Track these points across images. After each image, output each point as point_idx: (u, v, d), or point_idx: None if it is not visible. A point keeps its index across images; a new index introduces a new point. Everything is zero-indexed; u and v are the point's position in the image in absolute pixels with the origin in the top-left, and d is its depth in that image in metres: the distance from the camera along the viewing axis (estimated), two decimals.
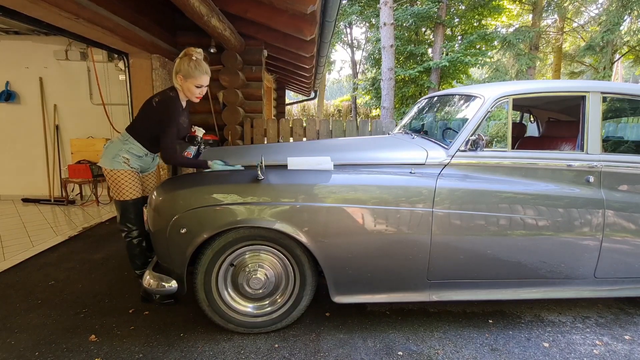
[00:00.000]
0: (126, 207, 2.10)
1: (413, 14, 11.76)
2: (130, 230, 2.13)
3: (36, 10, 2.32)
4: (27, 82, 4.57)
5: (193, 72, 1.96)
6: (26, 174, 4.73)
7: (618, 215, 1.97)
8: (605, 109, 2.16)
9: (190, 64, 1.96)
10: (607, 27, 9.78)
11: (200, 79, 1.99)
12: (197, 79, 1.98)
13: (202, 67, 1.99)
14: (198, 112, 4.55)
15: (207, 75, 2.02)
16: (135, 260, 2.20)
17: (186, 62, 1.97)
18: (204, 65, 2.00)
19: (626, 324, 2.10)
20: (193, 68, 1.96)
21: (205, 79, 2.02)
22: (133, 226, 2.13)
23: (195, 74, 1.97)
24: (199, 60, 1.99)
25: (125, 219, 2.12)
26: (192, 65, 1.96)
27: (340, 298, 1.88)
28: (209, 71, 2.04)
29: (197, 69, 1.97)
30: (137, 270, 2.20)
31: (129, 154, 2.08)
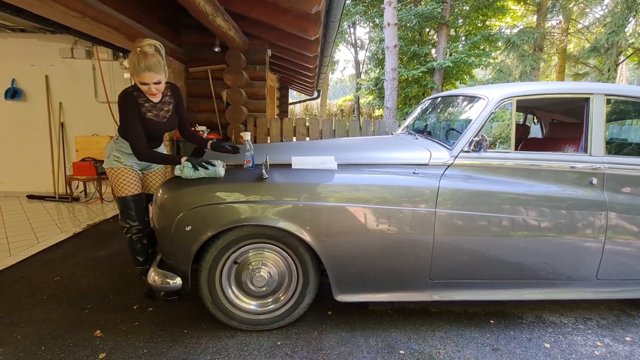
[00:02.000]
0: (124, 203, 2.10)
1: (417, 15, 11.75)
2: (130, 227, 2.12)
3: (43, 8, 2.34)
4: (33, 79, 4.61)
5: (134, 68, 1.80)
6: (31, 170, 4.77)
7: (621, 217, 1.97)
8: (609, 111, 2.16)
9: (132, 59, 1.80)
10: (612, 29, 9.74)
11: (141, 77, 1.82)
12: (138, 76, 1.82)
13: (142, 64, 1.79)
14: (202, 110, 4.58)
15: (149, 72, 1.81)
16: (137, 257, 2.19)
17: (130, 56, 1.81)
18: (149, 60, 1.80)
19: (628, 326, 2.10)
20: (134, 64, 1.79)
21: (148, 77, 1.82)
22: (133, 222, 2.12)
23: (136, 70, 1.81)
24: (141, 55, 1.79)
25: (124, 215, 2.12)
26: (133, 61, 1.80)
27: (343, 297, 1.90)
28: (154, 66, 1.82)
29: (137, 65, 1.79)
30: (139, 267, 2.20)
31: (119, 152, 2.08)
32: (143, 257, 2.19)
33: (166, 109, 2.06)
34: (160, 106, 2.03)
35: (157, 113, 2.02)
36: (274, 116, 8.24)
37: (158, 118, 2.03)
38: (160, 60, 1.85)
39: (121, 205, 2.11)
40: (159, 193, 1.88)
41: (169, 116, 2.08)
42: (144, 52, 1.79)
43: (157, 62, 1.83)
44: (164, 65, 1.88)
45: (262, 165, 1.86)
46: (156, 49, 1.83)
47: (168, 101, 2.07)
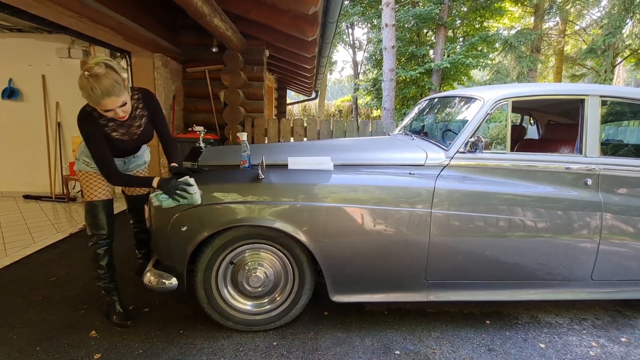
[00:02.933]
0: (92, 208, 1.90)
1: (415, 15, 11.77)
2: (95, 235, 1.90)
3: (40, 8, 2.34)
4: (29, 79, 4.59)
5: (89, 97, 1.53)
6: (28, 170, 4.75)
7: (615, 218, 1.98)
8: (604, 112, 2.18)
9: (83, 86, 1.51)
10: (609, 30, 9.79)
11: (102, 105, 1.57)
12: (98, 105, 1.57)
13: (97, 91, 1.51)
14: (199, 111, 4.58)
15: (109, 98, 1.54)
16: (99, 270, 1.93)
17: (80, 83, 1.52)
18: (103, 84, 1.51)
19: (622, 326, 2.11)
20: (88, 93, 1.52)
21: (109, 103, 1.56)
22: (99, 230, 1.90)
23: (92, 99, 1.54)
24: (93, 80, 1.50)
25: (90, 222, 1.90)
26: (86, 89, 1.51)
27: (339, 297, 1.90)
28: (112, 89, 1.53)
29: (92, 93, 1.51)
30: (101, 283, 1.95)
31: (88, 157, 1.87)
32: (106, 272, 1.95)
33: (137, 124, 1.83)
34: (130, 122, 1.81)
35: (125, 131, 1.80)
36: (271, 117, 8.24)
37: (128, 135, 1.81)
38: (116, 79, 1.56)
39: (88, 211, 1.91)
40: (155, 193, 1.88)
41: (142, 131, 1.87)
42: (95, 74, 1.49)
43: (114, 81, 1.54)
44: (123, 80, 1.59)
45: (259, 165, 1.86)
46: (107, 66, 1.53)
47: (140, 114, 1.83)
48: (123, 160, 2.02)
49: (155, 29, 3.53)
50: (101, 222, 1.92)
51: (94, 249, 1.93)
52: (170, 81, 4.20)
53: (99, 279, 1.97)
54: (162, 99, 4.02)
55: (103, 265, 1.95)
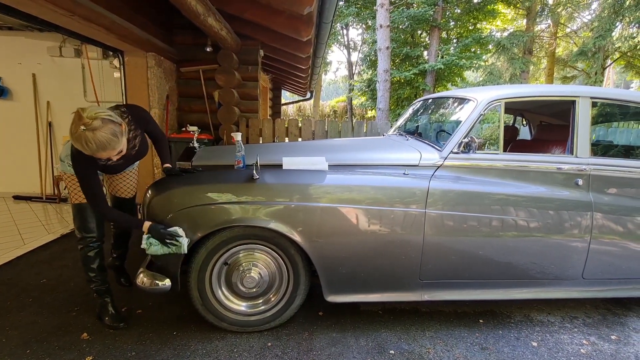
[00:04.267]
0: (80, 210, 1.85)
1: (409, 17, 11.84)
2: (84, 238, 1.88)
3: (32, 7, 2.31)
4: (20, 78, 4.52)
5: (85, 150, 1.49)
6: (18, 171, 4.68)
7: (605, 217, 2.01)
8: (594, 113, 2.21)
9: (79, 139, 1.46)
10: (599, 33, 9.94)
11: (97, 156, 1.55)
12: (93, 155, 1.54)
13: (92, 145, 1.47)
14: (194, 111, 4.55)
15: (104, 152, 1.51)
16: (90, 273, 1.90)
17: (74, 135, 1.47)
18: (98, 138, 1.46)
19: (613, 324, 2.15)
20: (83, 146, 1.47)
21: (105, 155, 1.54)
22: (88, 233, 1.87)
23: (87, 152, 1.50)
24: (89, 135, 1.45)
25: (79, 224, 1.87)
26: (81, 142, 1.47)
27: (334, 297, 1.90)
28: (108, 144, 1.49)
29: (87, 147, 1.47)
30: (93, 285, 1.93)
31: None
32: (98, 275, 1.93)
33: (132, 146, 1.83)
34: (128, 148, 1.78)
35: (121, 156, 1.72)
36: (266, 117, 8.23)
37: (124, 159, 1.78)
38: (113, 129, 1.51)
39: (76, 213, 1.87)
40: (148, 194, 1.86)
41: (136, 150, 1.88)
42: (91, 129, 1.44)
43: (111, 135, 1.49)
44: (120, 129, 1.55)
45: (253, 165, 1.85)
46: (104, 120, 1.48)
47: (133, 135, 1.81)
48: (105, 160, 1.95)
49: (149, 28, 3.50)
50: (90, 224, 1.88)
51: (83, 252, 1.90)
52: (164, 81, 4.16)
53: (91, 281, 1.94)
54: (155, 99, 3.98)
55: (94, 268, 1.92)
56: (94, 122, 1.46)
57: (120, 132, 1.55)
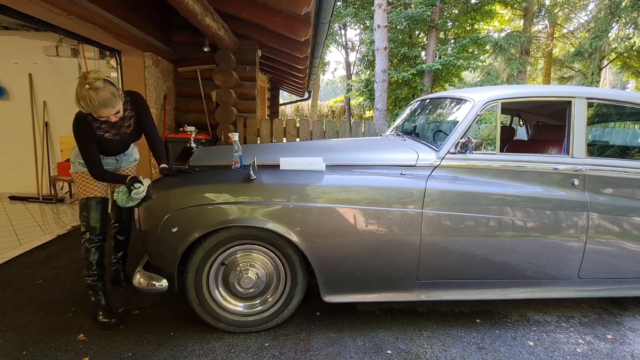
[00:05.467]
0: (86, 205, 1.96)
1: (407, 17, 11.85)
2: (85, 232, 1.95)
3: (28, 6, 2.30)
4: (16, 77, 4.50)
5: (88, 106, 1.68)
6: (14, 171, 4.65)
7: (601, 217, 2.02)
8: (590, 114, 2.22)
9: (84, 96, 1.66)
10: (596, 34, 9.99)
11: (98, 114, 1.73)
12: (95, 113, 1.73)
13: (95, 102, 1.67)
14: (191, 111, 4.54)
15: (105, 109, 1.71)
16: (88, 267, 1.95)
17: (80, 91, 1.67)
18: (101, 96, 1.68)
19: (609, 324, 2.16)
20: (86, 103, 1.67)
21: (106, 112, 1.73)
22: (91, 228, 1.95)
23: (89, 109, 1.69)
24: (94, 92, 1.66)
25: (84, 219, 1.96)
26: (85, 99, 1.66)
27: (331, 297, 1.90)
28: (109, 101, 1.70)
29: (91, 103, 1.67)
30: (88, 278, 1.97)
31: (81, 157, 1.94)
32: (95, 269, 1.97)
33: (127, 125, 1.96)
34: (121, 123, 1.93)
35: (117, 131, 1.93)
36: (264, 117, 8.22)
37: (120, 135, 1.94)
38: (113, 92, 1.73)
39: (83, 208, 1.97)
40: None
41: (131, 130, 1.99)
42: (95, 88, 1.66)
43: (111, 94, 1.71)
44: (118, 92, 1.77)
45: (250, 166, 1.85)
46: (106, 81, 1.71)
47: (129, 115, 1.95)
48: (115, 158, 2.10)
49: (146, 28, 3.49)
50: (94, 219, 1.96)
51: (85, 246, 1.96)
52: (162, 80, 4.15)
53: (88, 276, 1.97)
54: (153, 99, 3.97)
55: (92, 262, 1.96)
56: (97, 82, 1.67)
57: (118, 95, 1.77)
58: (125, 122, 1.95)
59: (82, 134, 1.83)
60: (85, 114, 1.80)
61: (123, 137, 1.98)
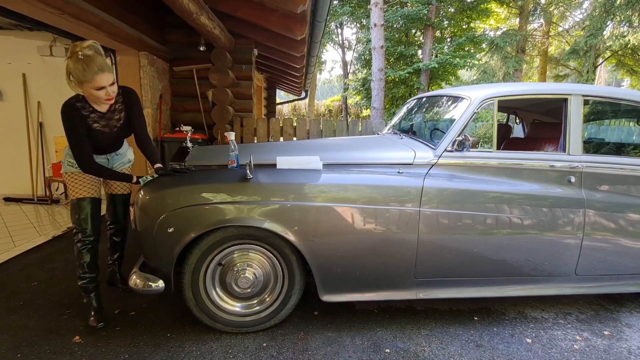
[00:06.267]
0: (77, 205, 1.91)
1: (403, 16, 11.87)
2: (79, 232, 1.92)
3: (21, 5, 2.27)
4: (9, 78, 4.45)
5: (84, 74, 1.64)
6: (8, 172, 4.61)
7: (598, 214, 2.03)
8: (586, 111, 2.23)
9: (77, 66, 1.64)
10: (591, 32, 10.05)
11: (96, 81, 1.66)
12: (92, 81, 1.66)
13: (93, 68, 1.64)
14: (187, 110, 4.52)
15: (102, 74, 1.67)
16: (81, 274, 1.93)
17: (73, 64, 1.64)
18: (97, 61, 1.65)
19: (606, 320, 2.17)
20: (82, 70, 1.64)
21: (104, 79, 1.68)
22: (83, 229, 1.91)
23: (87, 76, 1.64)
24: (87, 58, 1.63)
25: (76, 220, 1.92)
26: (80, 67, 1.64)
27: (329, 297, 1.89)
28: (105, 66, 1.69)
29: (87, 69, 1.63)
30: (81, 281, 1.94)
31: (73, 158, 1.89)
32: (87, 272, 1.94)
33: (117, 117, 1.90)
34: (110, 115, 1.87)
35: (106, 123, 1.87)
36: (261, 116, 8.19)
37: (108, 128, 1.88)
38: (106, 60, 1.71)
39: (74, 208, 1.93)
40: (140, 194, 1.84)
41: (122, 124, 1.93)
42: (88, 55, 1.63)
43: (105, 61, 1.69)
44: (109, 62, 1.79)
45: (247, 165, 1.84)
46: (96, 50, 1.67)
47: (119, 108, 1.91)
48: (106, 157, 2.04)
49: (141, 27, 3.46)
50: (86, 220, 1.92)
51: (77, 247, 1.93)
52: (157, 80, 4.13)
53: (80, 278, 1.95)
54: (148, 98, 3.95)
55: (84, 264, 1.93)
56: (88, 50, 1.65)
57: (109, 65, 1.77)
58: (115, 114, 1.90)
59: (72, 120, 1.75)
60: (74, 101, 1.77)
61: (112, 129, 1.91)
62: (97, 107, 1.84)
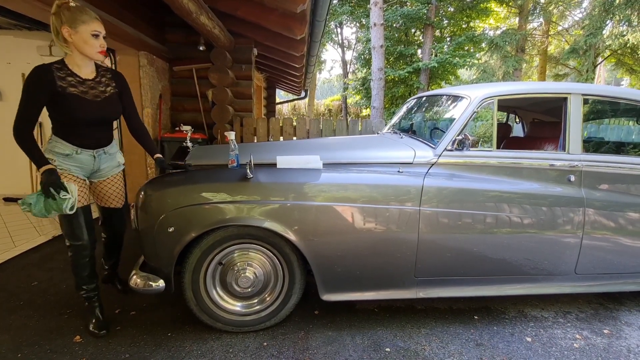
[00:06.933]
0: (66, 216, 1.73)
1: (403, 15, 11.86)
2: (73, 245, 1.79)
3: (19, 4, 2.27)
4: (8, 78, 4.44)
5: (80, 16, 1.59)
6: (8, 172, 4.60)
7: (597, 213, 2.03)
8: (586, 110, 2.23)
9: (72, 12, 1.59)
10: (590, 31, 10.05)
11: (93, 24, 1.63)
12: (89, 23, 1.61)
13: (89, 12, 1.63)
14: (187, 110, 4.52)
15: (98, 21, 1.65)
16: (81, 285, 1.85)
17: (66, 12, 1.58)
18: (88, 10, 1.64)
19: (605, 319, 2.17)
20: (80, 13, 1.59)
21: (99, 25, 1.66)
22: (78, 241, 1.78)
23: (83, 18, 1.59)
24: (77, 8, 1.61)
25: (68, 232, 1.77)
26: (76, 12, 1.59)
27: (329, 296, 1.90)
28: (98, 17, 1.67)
29: (84, 13, 1.61)
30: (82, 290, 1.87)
31: (52, 154, 1.72)
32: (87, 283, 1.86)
33: (102, 89, 1.77)
34: (93, 85, 1.74)
35: (86, 90, 1.71)
36: (260, 116, 8.19)
37: (90, 96, 1.72)
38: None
39: (63, 220, 1.76)
40: (141, 194, 1.84)
41: (107, 98, 1.78)
42: (79, 5, 1.61)
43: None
44: None
45: (247, 164, 1.84)
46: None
47: (105, 83, 1.80)
48: (92, 154, 1.82)
49: (140, 27, 3.46)
50: (80, 231, 1.78)
51: (73, 260, 1.82)
52: (157, 80, 4.12)
53: (80, 288, 1.88)
54: (148, 98, 3.94)
55: (84, 276, 1.85)
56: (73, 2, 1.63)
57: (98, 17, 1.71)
58: (100, 86, 1.76)
59: (33, 85, 1.58)
60: (48, 64, 1.63)
61: (96, 99, 1.73)
62: (79, 72, 1.70)
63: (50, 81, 1.61)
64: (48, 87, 1.61)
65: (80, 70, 1.71)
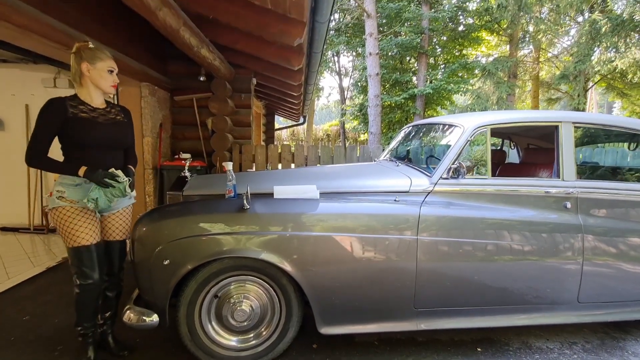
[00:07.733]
0: (78, 255, 1.69)
1: (397, 45, 12.30)
2: (81, 285, 1.71)
3: (26, 41, 2.35)
4: (12, 108, 4.54)
5: (99, 54, 1.78)
6: (6, 201, 4.60)
7: (596, 239, 2.02)
8: (577, 137, 2.28)
9: (92, 51, 1.77)
10: (579, 58, 10.39)
11: (109, 61, 1.81)
12: (105, 60, 1.79)
13: (104, 51, 1.83)
14: (187, 138, 4.58)
15: (112, 59, 1.83)
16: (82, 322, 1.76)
17: (87, 50, 1.77)
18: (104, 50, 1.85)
19: (612, 349, 2.11)
20: (97, 51, 1.79)
21: (113, 63, 1.83)
22: (88, 280, 1.71)
23: (101, 56, 1.78)
24: (95, 48, 1.80)
25: (78, 270, 1.71)
26: (94, 50, 1.78)
27: (327, 329, 1.85)
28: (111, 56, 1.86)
29: (102, 52, 1.80)
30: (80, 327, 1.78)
31: (62, 186, 1.71)
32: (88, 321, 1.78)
33: (112, 117, 1.86)
34: (104, 112, 1.83)
35: (97, 116, 1.79)
36: (259, 142, 8.29)
37: (99, 119, 1.79)
38: None
39: (73, 258, 1.71)
40: (137, 225, 1.84)
41: (117, 122, 1.87)
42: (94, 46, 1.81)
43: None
44: None
45: (243, 195, 1.85)
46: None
47: (115, 112, 1.89)
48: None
49: (143, 59, 3.58)
50: (91, 269, 1.72)
51: (80, 298, 1.74)
52: (158, 109, 4.21)
53: (80, 325, 1.78)
54: (149, 127, 4.01)
55: (88, 314, 1.77)
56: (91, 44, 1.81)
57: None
58: (110, 114, 1.86)
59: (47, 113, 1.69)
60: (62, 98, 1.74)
61: (105, 122, 1.81)
62: (90, 102, 1.80)
63: (63, 109, 1.72)
64: (61, 114, 1.71)
65: (92, 101, 1.82)
